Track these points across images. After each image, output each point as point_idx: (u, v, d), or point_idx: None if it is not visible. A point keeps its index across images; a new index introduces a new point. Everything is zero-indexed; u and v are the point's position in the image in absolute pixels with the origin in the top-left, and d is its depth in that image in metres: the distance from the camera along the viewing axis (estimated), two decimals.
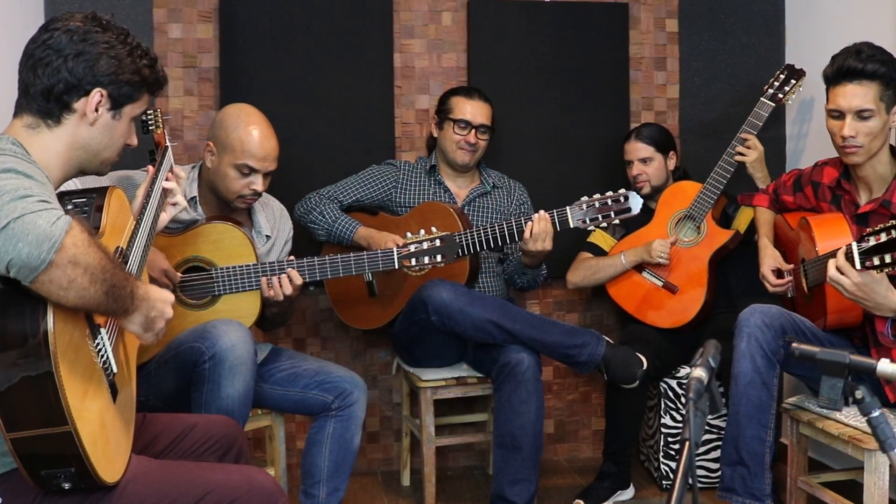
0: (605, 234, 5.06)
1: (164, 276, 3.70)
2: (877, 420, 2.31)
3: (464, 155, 4.80)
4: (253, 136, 3.95)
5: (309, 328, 5.22)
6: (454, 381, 4.66)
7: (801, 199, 4.32)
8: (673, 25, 5.48)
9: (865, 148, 3.83)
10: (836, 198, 4.07)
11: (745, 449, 3.93)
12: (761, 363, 3.89)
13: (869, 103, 3.78)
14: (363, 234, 4.57)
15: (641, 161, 5.01)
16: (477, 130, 4.79)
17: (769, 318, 3.92)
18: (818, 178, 4.19)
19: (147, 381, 3.59)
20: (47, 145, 2.62)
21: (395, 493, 5.05)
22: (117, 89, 2.68)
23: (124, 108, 2.73)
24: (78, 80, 2.62)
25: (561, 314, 5.45)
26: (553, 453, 5.52)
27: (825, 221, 4.01)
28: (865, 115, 3.79)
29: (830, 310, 3.90)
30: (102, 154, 2.74)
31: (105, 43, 2.66)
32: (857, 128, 3.81)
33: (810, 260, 4.00)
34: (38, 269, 2.21)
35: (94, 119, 2.66)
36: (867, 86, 3.79)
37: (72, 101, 2.63)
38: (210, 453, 3.03)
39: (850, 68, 3.80)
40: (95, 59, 2.63)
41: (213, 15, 5.02)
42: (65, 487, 2.40)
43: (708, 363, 2.18)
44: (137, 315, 2.57)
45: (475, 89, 4.92)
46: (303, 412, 4.09)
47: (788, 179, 4.42)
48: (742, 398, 3.93)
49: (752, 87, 5.22)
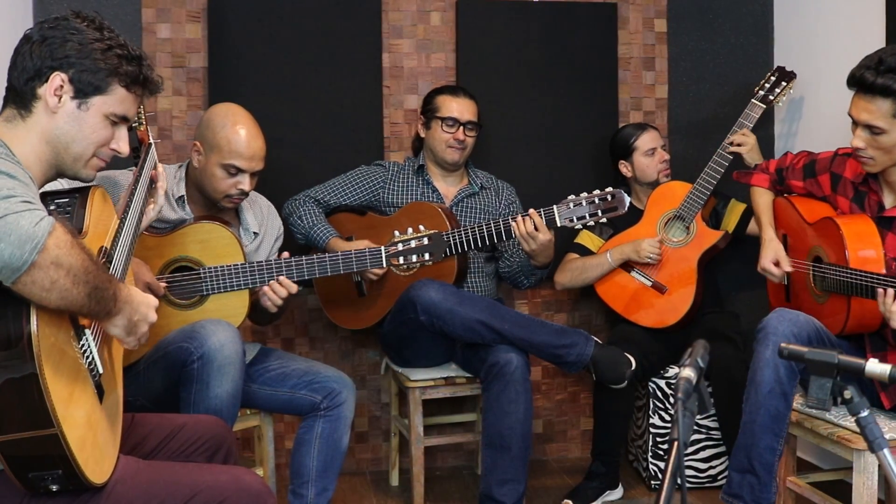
0: (593, 234, 5.06)
1: (147, 289, 3.67)
2: (865, 420, 2.31)
3: (453, 153, 4.80)
4: (240, 135, 3.95)
5: (297, 328, 5.22)
6: (443, 381, 4.66)
7: (812, 186, 4.17)
8: (661, 25, 5.49)
9: (878, 161, 3.68)
10: (860, 195, 3.92)
11: (757, 459, 3.85)
12: (784, 373, 3.78)
13: (878, 120, 3.56)
14: (333, 246, 4.57)
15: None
16: (465, 127, 4.79)
17: (797, 328, 3.78)
18: (839, 169, 4.02)
19: (135, 381, 3.59)
20: (24, 138, 2.59)
21: (383, 493, 5.04)
22: (78, 74, 2.61)
23: (91, 98, 2.64)
24: (41, 63, 2.59)
25: (550, 314, 5.45)
26: (542, 453, 5.52)
27: (857, 229, 3.81)
28: (876, 131, 3.60)
29: (852, 316, 3.79)
30: (72, 148, 2.65)
31: (74, 30, 2.62)
32: (867, 141, 3.64)
33: (835, 265, 3.86)
34: (20, 270, 2.20)
35: (55, 105, 2.60)
36: (879, 103, 3.54)
37: (36, 87, 2.59)
38: (198, 454, 3.02)
39: (863, 81, 3.57)
40: (60, 43, 2.59)
41: (202, 15, 5.01)
42: (52, 489, 2.39)
43: (697, 363, 2.18)
44: (120, 318, 2.56)
45: (460, 87, 4.94)
46: (291, 412, 4.09)
47: (798, 162, 4.25)
48: (761, 408, 3.82)
49: (741, 87, 5.24)
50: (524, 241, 4.30)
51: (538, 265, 4.59)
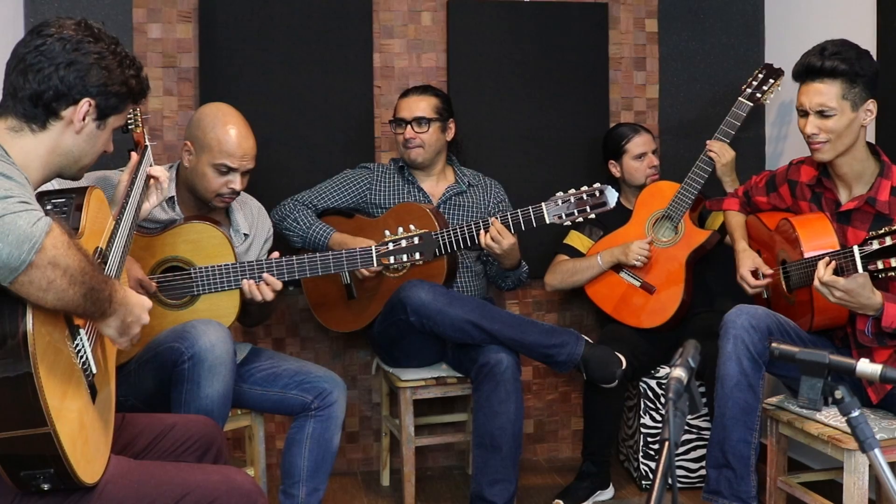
0: (582, 235, 5.07)
1: (139, 286, 3.68)
2: (856, 420, 2.32)
3: (409, 152, 4.81)
4: (230, 135, 3.95)
5: (288, 328, 5.21)
6: (433, 381, 4.66)
7: (775, 199, 4.30)
8: (652, 25, 5.49)
9: (831, 145, 3.80)
10: (816, 196, 4.04)
11: (731, 452, 3.92)
12: (748, 365, 3.87)
13: (830, 101, 3.76)
14: (338, 240, 4.57)
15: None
16: (412, 125, 4.78)
17: (756, 320, 3.89)
18: (795, 176, 4.16)
19: (126, 381, 3.59)
20: (29, 149, 2.61)
21: (374, 493, 5.04)
22: (105, 100, 2.69)
23: (109, 118, 2.74)
24: (68, 88, 2.62)
25: (540, 314, 5.45)
26: (532, 453, 5.52)
27: (809, 222, 3.98)
28: (827, 113, 3.77)
29: (817, 311, 3.88)
30: (82, 161, 2.75)
31: (97, 53, 2.67)
32: (818, 125, 3.79)
33: (794, 262, 3.98)
34: (17, 270, 2.21)
35: (80, 128, 2.66)
36: (829, 84, 3.76)
37: (60, 109, 2.63)
38: (189, 453, 3.03)
39: (810, 66, 3.80)
40: (87, 69, 2.64)
41: (193, 15, 5.00)
42: (44, 488, 2.40)
43: (687, 363, 2.18)
44: (114, 319, 2.58)
45: (417, 87, 4.94)
46: (282, 412, 4.09)
47: (760, 181, 4.39)
48: (728, 400, 3.91)
49: (732, 86, 5.23)
50: (488, 248, 4.33)
51: (505, 268, 4.64)
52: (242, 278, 3.93)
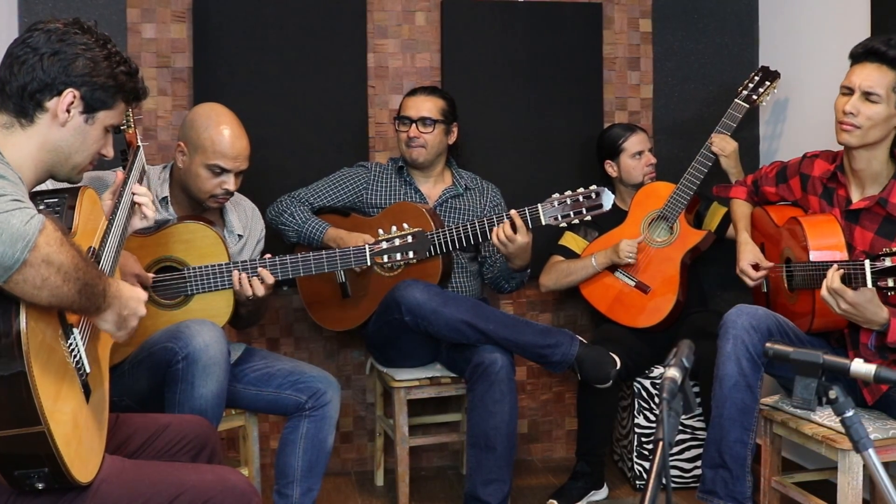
0: (577, 236, 5.06)
1: (136, 280, 3.67)
2: (851, 420, 2.32)
3: (411, 151, 4.80)
4: (224, 135, 3.95)
5: (282, 328, 5.21)
6: (428, 381, 4.66)
7: (784, 191, 4.29)
8: (646, 25, 5.49)
9: (862, 130, 3.78)
10: (828, 191, 4.02)
11: (727, 452, 3.91)
12: (747, 366, 3.87)
13: (879, 87, 3.73)
14: (332, 235, 4.57)
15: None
16: (418, 124, 4.78)
17: (756, 321, 3.88)
18: (808, 170, 4.15)
19: (120, 381, 3.58)
20: (21, 146, 2.60)
21: (368, 493, 5.04)
22: (90, 92, 2.66)
23: (98, 113, 2.71)
24: (52, 78, 2.60)
25: (534, 314, 5.45)
26: (527, 453, 5.52)
27: (818, 224, 3.95)
28: (873, 98, 3.74)
29: (818, 314, 3.87)
30: (73, 158, 2.72)
31: (82, 45, 2.65)
32: (859, 107, 3.76)
33: (799, 262, 3.97)
34: (11, 269, 2.21)
35: (65, 120, 2.64)
36: (885, 71, 3.74)
37: (44, 100, 2.61)
38: (183, 453, 3.03)
39: (875, 50, 3.76)
40: (71, 59, 2.62)
41: (187, 15, 5.00)
42: (38, 487, 2.40)
43: (681, 363, 2.18)
44: (110, 313, 2.58)
45: (425, 87, 4.93)
46: (276, 412, 4.09)
47: (770, 171, 4.37)
48: (727, 401, 3.91)
49: (726, 87, 5.25)
50: (501, 246, 4.31)
51: (516, 268, 4.58)
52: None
